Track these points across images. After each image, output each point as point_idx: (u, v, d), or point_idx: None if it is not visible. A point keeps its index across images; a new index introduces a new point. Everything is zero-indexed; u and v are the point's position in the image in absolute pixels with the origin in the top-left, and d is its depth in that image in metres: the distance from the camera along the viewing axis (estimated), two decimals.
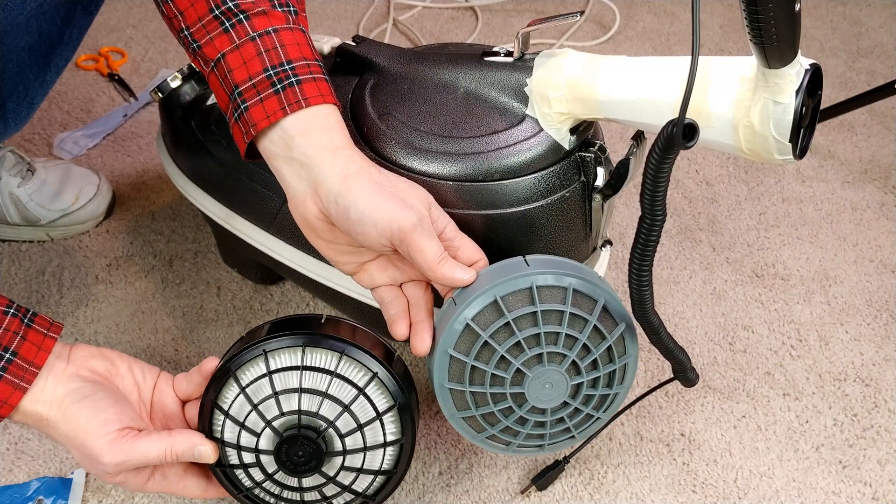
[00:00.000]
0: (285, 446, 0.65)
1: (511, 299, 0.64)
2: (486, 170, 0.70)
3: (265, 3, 0.67)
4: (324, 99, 0.66)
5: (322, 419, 0.64)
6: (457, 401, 0.67)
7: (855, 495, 0.79)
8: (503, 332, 0.64)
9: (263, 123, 0.65)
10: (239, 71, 0.66)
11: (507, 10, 1.51)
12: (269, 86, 0.65)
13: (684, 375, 0.73)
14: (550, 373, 0.65)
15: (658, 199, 0.60)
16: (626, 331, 0.67)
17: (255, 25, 0.66)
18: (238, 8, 0.66)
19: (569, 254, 0.76)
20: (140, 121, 1.21)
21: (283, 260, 0.83)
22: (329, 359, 0.65)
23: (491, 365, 0.65)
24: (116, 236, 1.02)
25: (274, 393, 0.64)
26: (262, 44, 0.66)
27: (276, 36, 0.66)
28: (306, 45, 0.67)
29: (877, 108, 1.27)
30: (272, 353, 0.64)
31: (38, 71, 0.88)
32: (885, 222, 1.10)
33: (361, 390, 0.64)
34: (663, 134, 0.56)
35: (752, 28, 0.54)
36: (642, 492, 0.79)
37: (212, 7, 0.66)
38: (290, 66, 0.65)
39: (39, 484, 0.76)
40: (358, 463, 0.66)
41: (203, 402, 0.66)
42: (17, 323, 0.64)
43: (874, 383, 0.89)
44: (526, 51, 0.74)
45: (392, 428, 0.66)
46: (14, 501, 0.75)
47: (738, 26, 1.50)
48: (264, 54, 0.65)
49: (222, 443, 0.66)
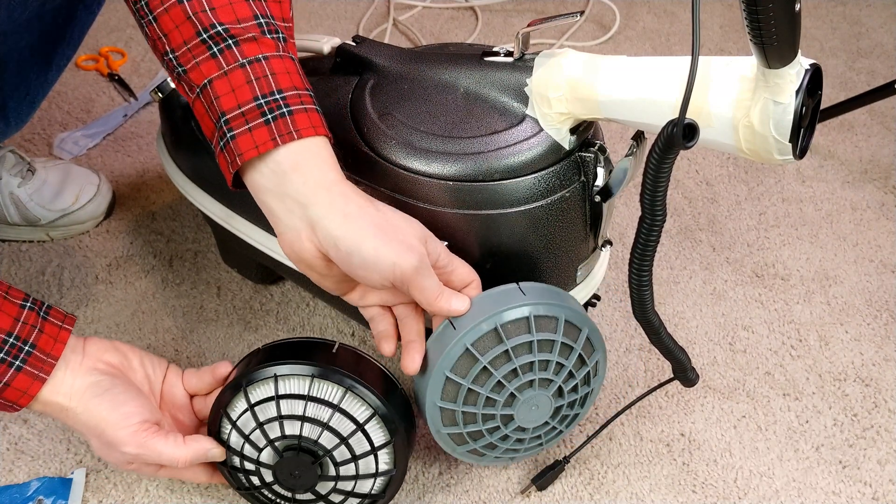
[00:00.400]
0: (283, 463, 0.68)
1: (510, 327, 0.67)
2: (486, 170, 0.70)
3: (255, 28, 0.64)
4: (315, 131, 0.64)
5: (320, 447, 0.67)
6: (445, 418, 0.70)
7: (855, 495, 0.79)
8: (501, 358, 0.67)
9: (251, 153, 0.63)
10: (227, 98, 0.63)
11: (507, 10, 1.51)
12: (259, 115, 0.63)
13: (684, 375, 0.73)
14: (538, 396, 0.69)
15: (658, 199, 0.60)
16: (601, 358, 0.72)
17: (245, 52, 0.64)
18: (227, 32, 0.63)
19: (569, 254, 0.76)
20: (140, 121, 1.21)
21: (284, 260, 0.83)
22: (334, 392, 0.67)
23: (486, 388, 0.67)
24: (116, 236, 1.02)
25: (279, 416, 0.67)
26: (252, 71, 0.63)
27: (266, 63, 0.64)
28: (296, 74, 0.66)
29: (877, 108, 1.27)
30: (282, 377, 0.67)
31: (40, 70, 0.88)
32: (885, 222, 1.10)
33: (360, 426, 0.67)
34: (663, 134, 0.56)
35: (752, 28, 0.54)
36: (642, 492, 0.79)
37: (199, 30, 0.64)
38: (282, 96, 0.64)
39: (39, 484, 0.76)
40: (349, 488, 0.70)
41: (214, 406, 0.69)
42: (35, 316, 0.65)
43: (874, 383, 0.89)
44: (526, 51, 0.74)
45: (385, 458, 0.69)
46: (14, 501, 0.75)
47: (738, 26, 1.50)
48: (254, 82, 0.63)
49: (228, 447, 0.69)
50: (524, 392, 0.68)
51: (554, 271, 0.76)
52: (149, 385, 0.72)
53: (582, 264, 0.78)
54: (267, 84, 0.63)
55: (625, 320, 0.95)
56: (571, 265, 0.77)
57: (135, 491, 0.76)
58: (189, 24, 0.64)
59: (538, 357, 0.67)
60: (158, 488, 0.77)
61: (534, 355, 0.67)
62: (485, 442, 0.71)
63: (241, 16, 0.64)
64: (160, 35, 0.65)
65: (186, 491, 0.76)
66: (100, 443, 0.67)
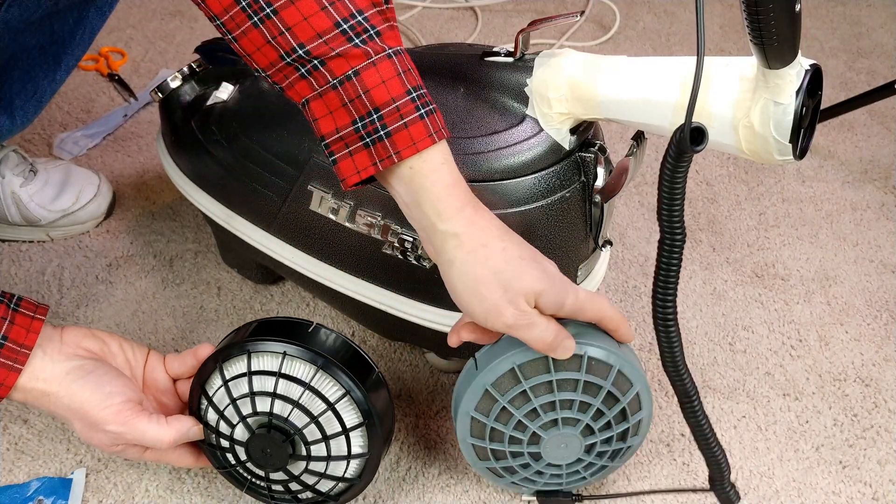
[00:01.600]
0: (255, 441, 0.68)
1: (528, 368, 0.66)
2: (486, 170, 0.70)
3: (339, 39, 0.59)
4: (415, 147, 0.60)
5: (291, 426, 0.67)
6: (479, 454, 0.71)
7: (855, 495, 0.79)
8: (520, 398, 0.67)
9: (353, 179, 0.62)
10: (325, 121, 0.62)
11: (507, 10, 1.51)
12: (358, 139, 0.61)
13: (721, 488, 0.74)
14: (566, 435, 0.68)
15: (676, 213, 0.59)
16: (642, 391, 0.68)
17: (334, 71, 0.60)
18: (309, 55, 0.59)
19: (569, 254, 0.76)
20: (140, 121, 1.21)
21: (283, 260, 0.83)
22: (306, 370, 0.67)
23: (509, 427, 0.68)
24: (116, 236, 1.02)
25: (251, 393, 0.67)
26: (345, 93, 0.60)
27: (357, 81, 0.59)
28: (395, 79, 0.60)
29: (877, 108, 1.27)
30: (255, 354, 0.67)
31: (49, 69, 0.89)
32: (885, 222, 1.10)
33: (331, 405, 0.67)
34: (673, 140, 0.56)
35: (752, 28, 0.54)
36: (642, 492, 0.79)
37: (281, 54, 0.60)
38: (378, 115, 0.60)
39: (39, 484, 0.76)
40: (321, 469, 0.69)
41: (193, 383, 0.70)
42: (4, 308, 0.66)
43: (874, 383, 0.89)
44: (526, 51, 0.74)
45: (359, 441, 0.68)
46: (14, 501, 0.75)
47: (738, 26, 1.50)
48: (349, 105, 0.60)
49: (206, 424, 0.70)
50: (549, 431, 0.68)
51: None
52: (130, 369, 0.72)
53: (582, 264, 0.78)
54: (362, 105, 0.60)
55: None
56: (571, 265, 0.77)
57: (135, 491, 0.76)
58: (270, 48, 0.61)
59: (559, 396, 0.66)
60: (158, 488, 0.77)
61: (554, 395, 0.66)
62: (520, 477, 0.72)
63: (320, 29, 0.59)
64: (244, 54, 0.63)
65: (186, 491, 0.76)
66: (83, 424, 0.67)
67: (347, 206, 0.75)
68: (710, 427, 0.69)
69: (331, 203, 0.76)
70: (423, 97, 0.61)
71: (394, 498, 0.77)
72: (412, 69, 0.62)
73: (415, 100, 0.61)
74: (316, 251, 0.80)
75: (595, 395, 0.67)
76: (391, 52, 0.60)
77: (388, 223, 0.74)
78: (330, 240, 0.78)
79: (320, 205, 0.77)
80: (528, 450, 0.69)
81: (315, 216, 0.78)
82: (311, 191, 0.77)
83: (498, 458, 0.71)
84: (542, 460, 0.70)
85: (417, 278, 0.76)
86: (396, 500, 0.77)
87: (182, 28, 1.42)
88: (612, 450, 0.71)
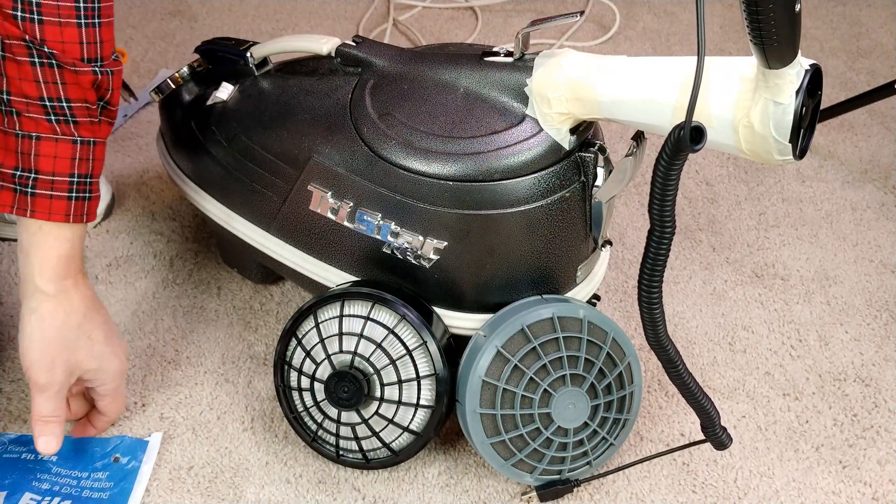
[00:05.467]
0: (335, 380, 0.74)
1: (536, 328, 0.71)
2: (486, 170, 0.70)
3: (37, 109, 0.68)
4: (48, 216, 0.69)
5: (371, 365, 0.73)
6: (487, 427, 0.72)
7: (855, 495, 0.79)
8: (531, 356, 0.71)
9: (19, 213, 0.70)
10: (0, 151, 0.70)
11: (507, 10, 1.51)
12: (11, 183, 0.69)
13: (713, 432, 0.74)
14: (573, 393, 0.72)
15: (667, 209, 0.60)
16: (633, 361, 0.74)
17: (22, 125, 0.68)
18: (10, 104, 0.68)
19: (569, 253, 0.76)
20: (140, 121, 1.21)
21: (283, 260, 0.83)
22: (391, 318, 0.74)
23: (521, 387, 0.71)
24: (116, 236, 1.02)
25: (340, 333, 0.74)
26: (22, 145, 0.68)
27: (34, 144, 0.68)
28: (67, 160, 0.69)
29: (877, 108, 1.27)
30: (348, 300, 0.75)
31: None
32: (885, 222, 1.10)
33: (409, 351, 0.73)
34: (671, 138, 0.56)
35: (752, 28, 0.54)
36: (642, 492, 0.79)
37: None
38: (34, 178, 0.69)
39: (119, 442, 0.80)
40: (390, 414, 0.74)
41: (284, 331, 0.77)
42: None
43: (874, 383, 0.89)
44: (526, 51, 0.74)
45: (427, 394, 0.74)
46: (94, 455, 0.79)
47: (738, 26, 1.50)
48: (20, 154, 0.69)
49: (290, 366, 0.76)
50: (558, 389, 0.71)
51: (554, 271, 0.76)
52: None
53: (582, 264, 0.78)
54: (28, 162, 0.69)
55: (624, 320, 0.95)
56: (571, 265, 0.77)
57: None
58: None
59: (566, 353, 0.71)
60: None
61: (561, 351, 0.71)
62: (529, 449, 0.73)
63: (28, 93, 0.67)
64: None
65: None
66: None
67: (347, 206, 0.75)
68: (694, 383, 0.70)
69: (331, 203, 0.76)
70: (84, 185, 0.71)
71: (394, 498, 0.77)
72: (94, 160, 0.71)
73: (73, 184, 0.70)
74: (316, 251, 0.80)
75: (597, 356, 0.72)
76: (79, 140, 0.70)
77: (388, 223, 0.74)
78: (330, 240, 0.78)
79: (320, 205, 0.77)
80: (538, 410, 0.71)
81: (315, 216, 0.78)
82: (310, 191, 0.77)
83: (507, 429, 0.72)
84: (552, 424, 0.72)
85: (417, 278, 0.76)
86: (396, 499, 0.77)
87: (182, 28, 1.42)
88: (612, 418, 0.74)
